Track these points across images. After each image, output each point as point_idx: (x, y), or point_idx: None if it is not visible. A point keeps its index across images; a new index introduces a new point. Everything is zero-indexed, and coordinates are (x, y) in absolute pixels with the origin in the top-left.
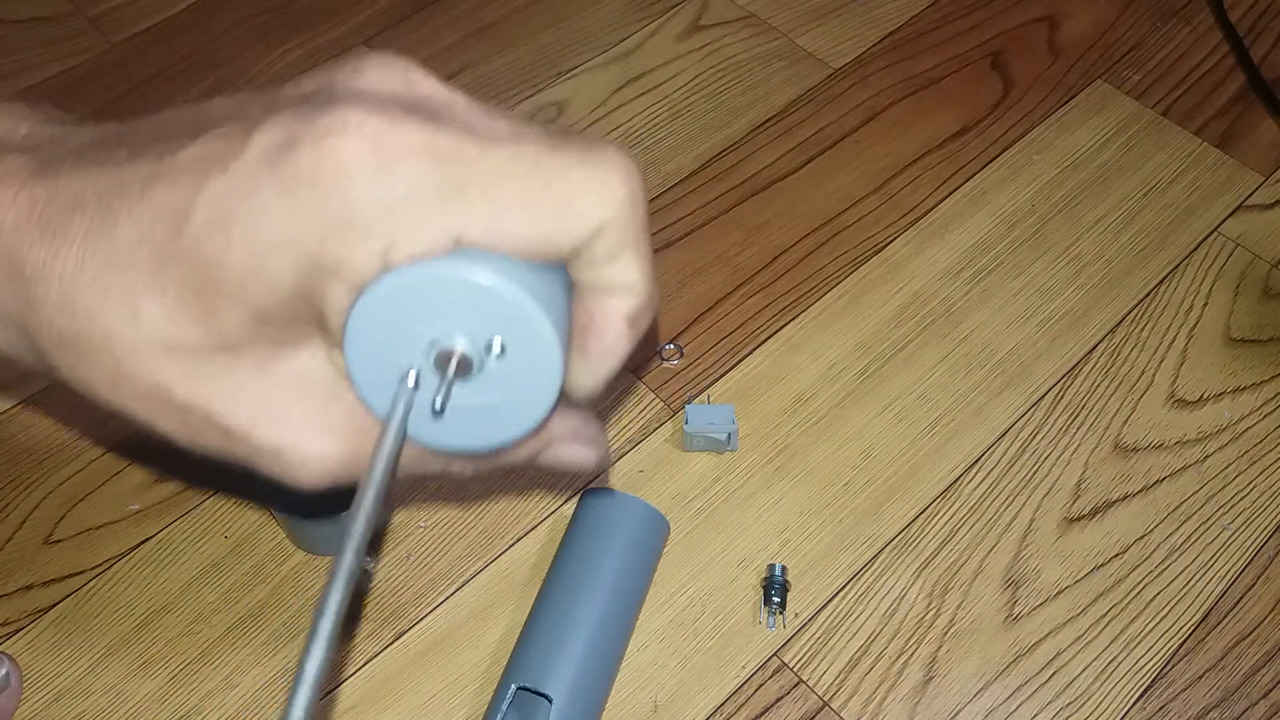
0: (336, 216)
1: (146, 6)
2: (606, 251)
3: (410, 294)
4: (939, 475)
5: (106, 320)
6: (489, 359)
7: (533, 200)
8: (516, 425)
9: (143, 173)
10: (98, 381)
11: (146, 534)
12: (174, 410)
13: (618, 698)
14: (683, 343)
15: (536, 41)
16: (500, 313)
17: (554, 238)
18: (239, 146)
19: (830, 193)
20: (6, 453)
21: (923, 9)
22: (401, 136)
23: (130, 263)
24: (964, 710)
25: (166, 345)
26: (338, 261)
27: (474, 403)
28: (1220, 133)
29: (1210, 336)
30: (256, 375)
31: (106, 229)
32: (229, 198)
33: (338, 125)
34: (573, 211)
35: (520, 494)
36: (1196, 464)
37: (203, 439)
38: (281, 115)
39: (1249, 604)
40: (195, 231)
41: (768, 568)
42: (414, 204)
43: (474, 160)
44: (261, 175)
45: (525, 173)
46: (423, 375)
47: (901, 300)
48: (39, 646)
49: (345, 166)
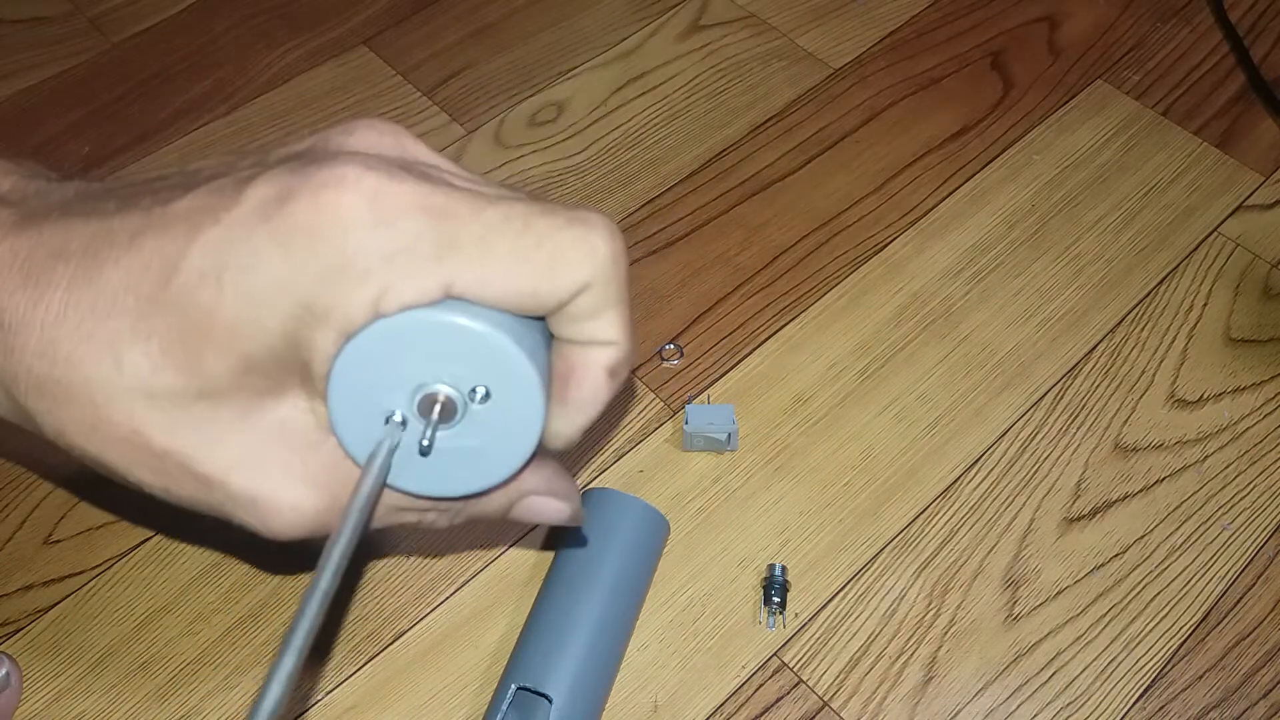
0: (331, 264)
1: (146, 6)
2: (589, 307)
3: (397, 339)
4: (939, 475)
5: (87, 366)
6: (472, 404)
7: (523, 257)
8: (497, 470)
9: (131, 224)
10: (74, 428)
11: (146, 534)
12: (150, 457)
13: (618, 698)
14: (683, 343)
15: (536, 41)
16: (486, 358)
17: (541, 292)
18: (232, 200)
19: (830, 193)
20: (6, 453)
21: (923, 9)
22: (398, 192)
23: (115, 310)
24: (964, 710)
25: (148, 392)
26: (329, 308)
27: (455, 447)
28: (1220, 133)
29: (1210, 336)
30: (237, 424)
31: (91, 278)
32: (222, 248)
33: (334, 180)
34: (560, 269)
35: None
36: (1196, 464)
37: (177, 487)
38: (276, 171)
39: (1249, 604)
40: (186, 280)
41: (768, 568)
42: (409, 255)
43: (467, 217)
44: (256, 226)
45: (516, 231)
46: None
47: (901, 300)
48: (39, 646)
49: (343, 218)
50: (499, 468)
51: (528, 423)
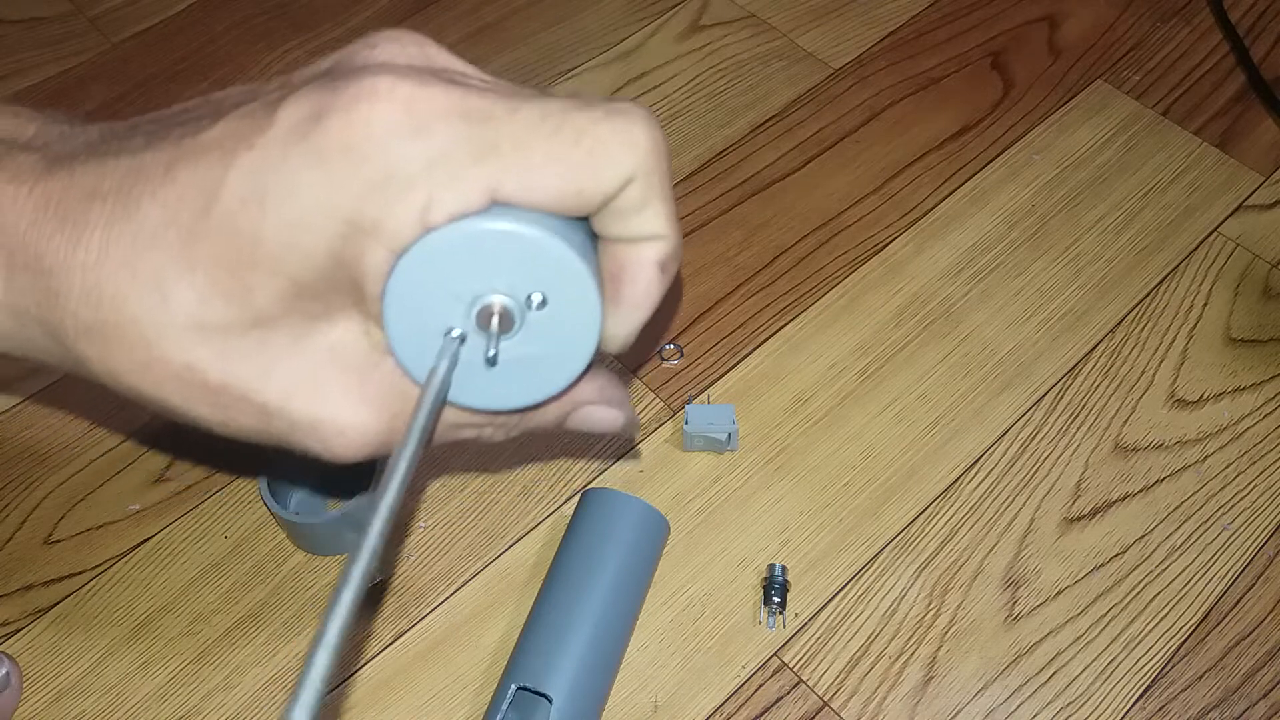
0: (374, 178)
1: (146, 6)
2: (635, 202)
3: (449, 252)
4: (939, 475)
5: (134, 305)
6: (529, 313)
7: (563, 154)
8: (558, 378)
9: (164, 157)
10: (127, 369)
11: (146, 534)
12: (207, 391)
13: (618, 698)
14: (683, 343)
15: (536, 41)
16: (540, 265)
17: (585, 190)
18: (264, 123)
19: (830, 193)
20: (6, 453)
21: (923, 9)
22: (432, 99)
23: (156, 245)
24: (964, 710)
25: (198, 325)
26: (376, 223)
27: (515, 358)
28: (1220, 133)
29: (1210, 336)
30: (291, 350)
31: (128, 215)
32: (260, 172)
33: (367, 92)
34: (602, 164)
35: (520, 494)
36: (1196, 464)
37: (238, 419)
38: (305, 90)
39: (1249, 604)
40: (226, 207)
41: (768, 568)
42: (450, 161)
43: (504, 119)
44: (291, 147)
45: (554, 129)
46: (465, 334)
47: (901, 300)
48: (39, 646)
49: (380, 129)
50: (560, 375)
51: (586, 326)
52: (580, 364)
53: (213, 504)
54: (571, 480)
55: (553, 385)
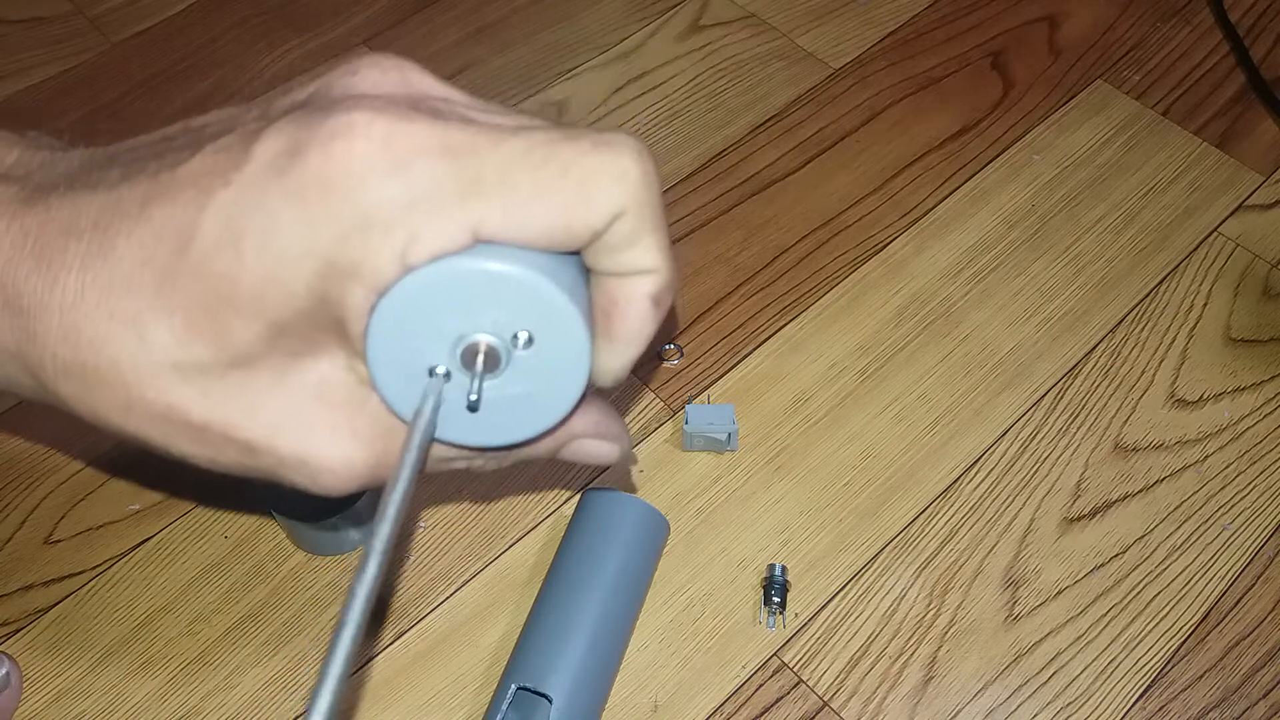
0: (352, 218)
1: (146, 6)
2: (625, 236)
3: (432, 291)
4: (939, 475)
5: (113, 347)
6: (515, 351)
7: (550, 189)
8: (547, 416)
9: (139, 193)
10: (108, 409)
11: (146, 534)
12: (190, 430)
13: (618, 698)
14: (683, 343)
15: (536, 41)
16: (524, 302)
17: (573, 225)
18: (240, 158)
19: (830, 193)
20: (6, 453)
21: (923, 9)
22: (411, 134)
23: (132, 287)
24: (964, 710)
25: (177, 367)
26: (356, 264)
27: (502, 396)
28: (1220, 133)
29: (1210, 336)
30: (275, 387)
31: (104, 254)
32: (236, 211)
33: (343, 128)
34: (590, 198)
35: (520, 494)
36: (1196, 464)
37: (223, 457)
38: (282, 123)
39: (1249, 604)
40: (203, 248)
41: (768, 568)
42: (431, 200)
43: (487, 152)
44: (269, 185)
45: (540, 162)
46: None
47: (901, 300)
48: (39, 646)
49: (358, 168)
50: (549, 413)
51: (575, 364)
52: (569, 402)
53: (213, 504)
54: (571, 480)
55: (541, 423)
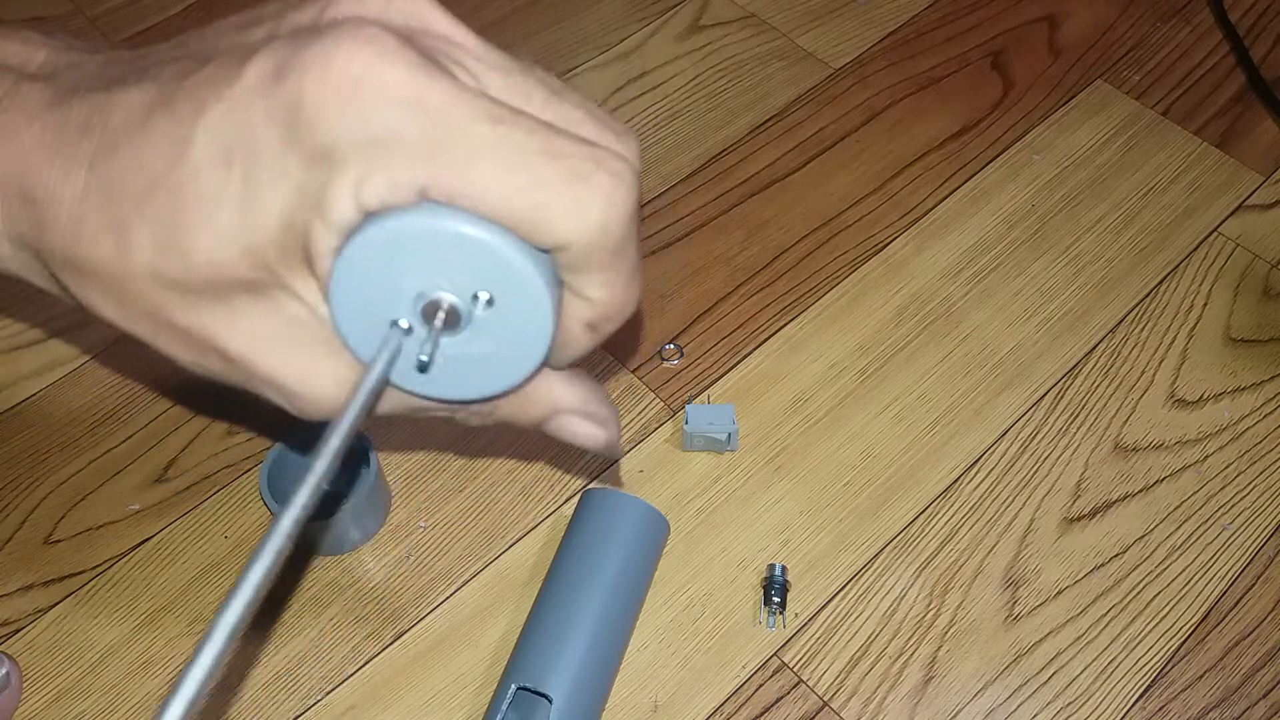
0: (316, 148)
1: (146, 6)
2: (568, 264)
3: (393, 245)
4: (939, 475)
5: (104, 248)
6: (476, 310)
7: (504, 192)
8: (507, 376)
9: (148, 98)
10: (102, 304)
11: (146, 534)
12: (175, 331)
13: (618, 698)
14: (683, 343)
15: (536, 41)
16: (485, 264)
17: (520, 229)
18: (235, 73)
19: (830, 193)
20: (6, 453)
21: (923, 9)
22: (389, 76)
23: (128, 190)
24: (964, 710)
25: (156, 275)
26: (317, 196)
27: (464, 353)
28: (1220, 133)
29: (1210, 336)
30: (253, 309)
31: (109, 154)
32: (226, 127)
33: (323, 57)
34: (540, 221)
35: (520, 494)
36: (1196, 464)
37: (206, 361)
38: (277, 42)
39: (1249, 604)
40: (194, 162)
41: (768, 568)
42: (385, 148)
43: (458, 127)
44: (254, 104)
45: (506, 165)
46: (412, 326)
47: (901, 300)
48: (39, 646)
49: (325, 99)
50: (510, 373)
51: (536, 328)
52: (531, 365)
53: (213, 504)
54: (571, 480)
55: (503, 382)
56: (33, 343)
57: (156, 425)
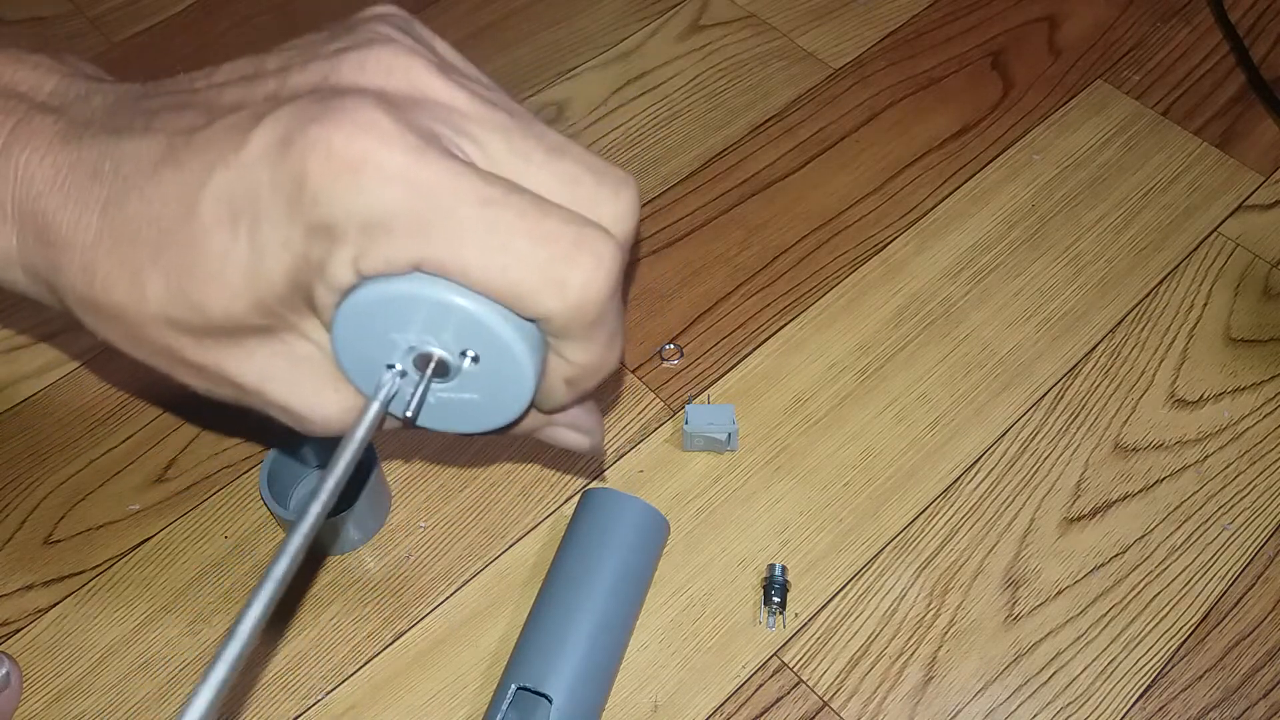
0: (317, 222)
1: (146, 6)
2: (551, 331)
3: (387, 306)
4: (939, 475)
5: (118, 293)
6: (465, 364)
7: (489, 271)
8: (494, 419)
9: (157, 151)
10: (118, 341)
11: (146, 534)
12: (189, 367)
13: (618, 698)
14: (683, 343)
15: (536, 41)
16: (472, 330)
17: (504, 302)
18: (241, 140)
19: (830, 193)
20: (6, 453)
21: (923, 9)
22: (387, 161)
23: (140, 240)
24: (964, 710)
25: (170, 321)
26: (320, 264)
27: (454, 398)
28: (1220, 133)
29: (1210, 336)
30: (264, 348)
31: (120, 202)
32: (233, 192)
33: (325, 137)
34: (522, 297)
35: (520, 494)
36: (1196, 464)
37: (220, 390)
38: (283, 111)
39: (1249, 604)
40: (202, 223)
41: (768, 568)
42: (380, 228)
43: (447, 207)
44: (261, 174)
45: (492, 247)
46: (405, 371)
47: (901, 300)
48: (39, 646)
49: (328, 179)
50: (494, 418)
51: (517, 385)
52: (513, 413)
53: (213, 504)
54: (571, 480)
55: (489, 424)
56: (33, 343)
57: (156, 425)
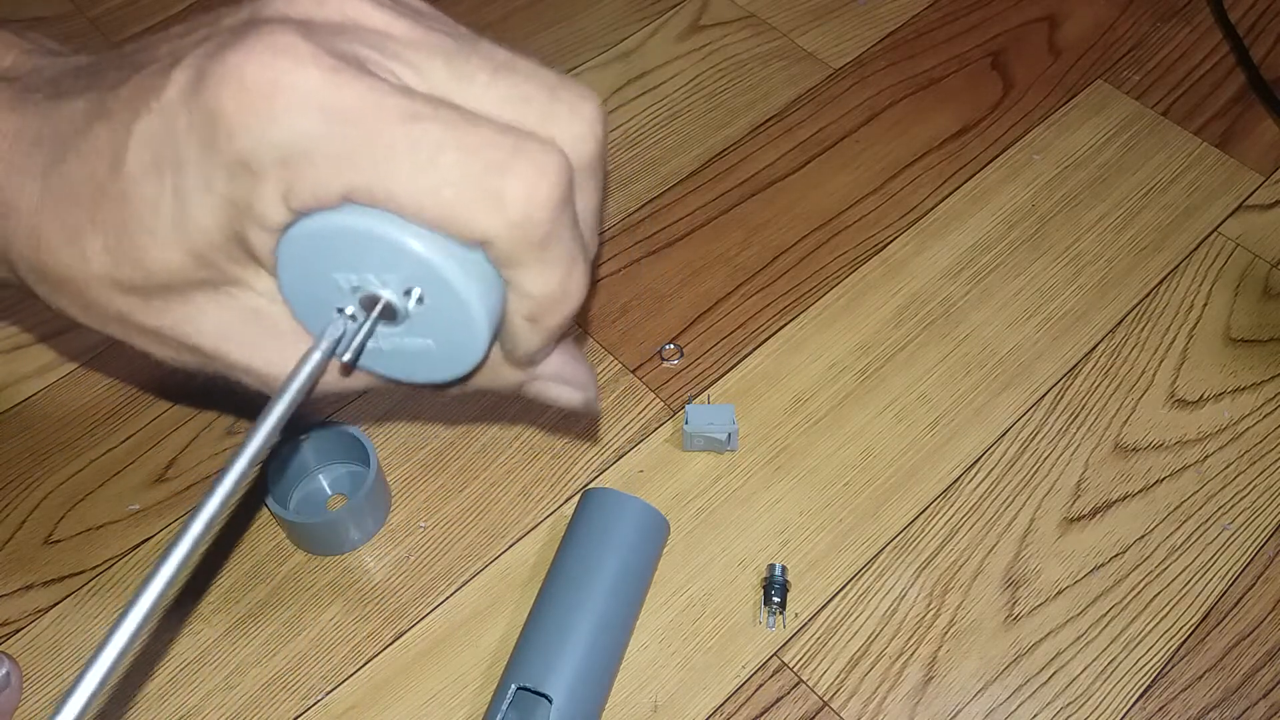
0: (235, 160)
1: (146, 7)
2: (499, 259)
3: (321, 243)
4: (939, 475)
5: (64, 256)
6: (411, 305)
7: (418, 193)
8: (452, 367)
9: (91, 108)
10: (70, 309)
11: (146, 534)
12: (144, 332)
13: (618, 698)
14: (683, 343)
15: (536, 41)
16: (408, 264)
17: (441, 227)
18: (161, 83)
19: (830, 193)
20: (6, 453)
21: (923, 9)
22: (302, 85)
23: (78, 200)
24: (964, 710)
25: (115, 282)
26: (247, 204)
27: (408, 344)
28: (1220, 133)
29: (1210, 336)
30: (212, 306)
31: (58, 164)
32: (155, 139)
33: (236, 66)
34: (456, 219)
35: (520, 494)
36: (1196, 464)
37: (180, 356)
38: (201, 49)
39: (1249, 604)
40: (130, 173)
41: (768, 568)
42: (303, 158)
43: (369, 129)
44: (178, 115)
45: (419, 164)
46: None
47: (901, 300)
48: (39, 646)
49: (241, 110)
50: (453, 366)
51: (468, 325)
52: (471, 359)
53: None
54: (571, 480)
55: (448, 372)
56: (33, 343)
57: (156, 425)
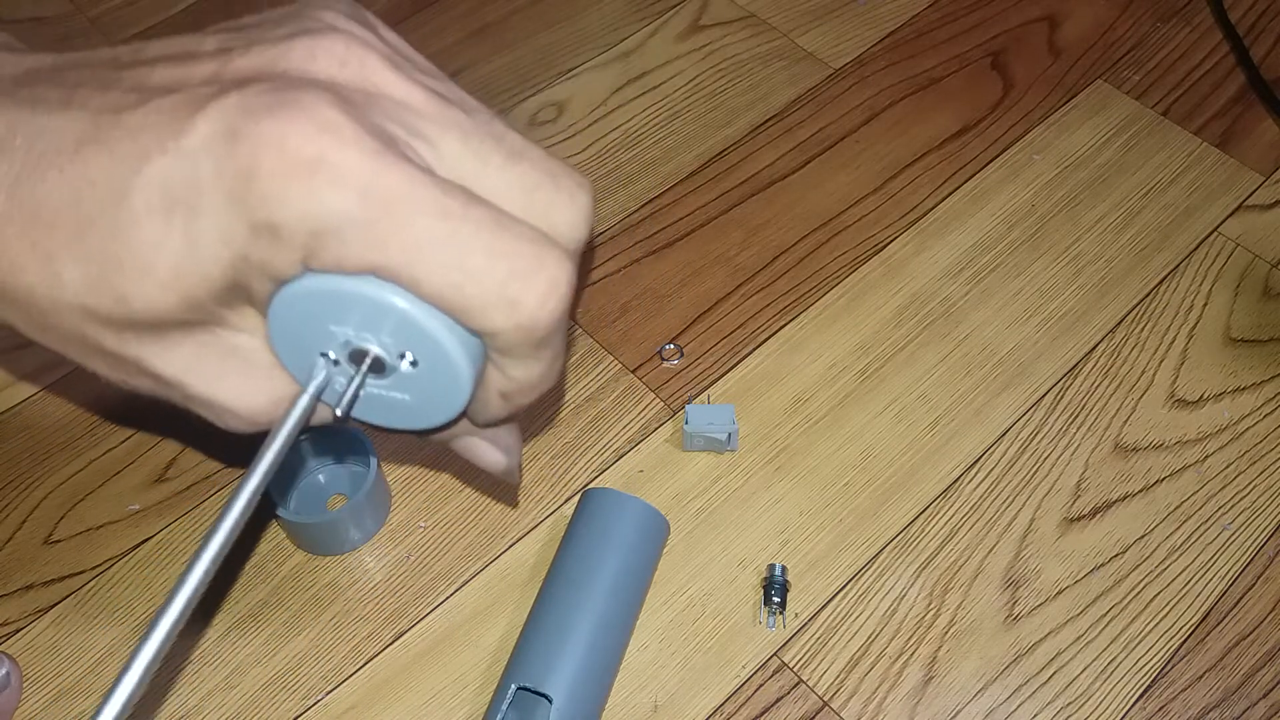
0: (264, 222)
1: (146, 7)
2: (495, 346)
3: (328, 299)
4: (939, 475)
5: (30, 276)
6: (401, 365)
7: (442, 286)
8: (425, 420)
9: (78, 128)
10: (26, 327)
11: (146, 534)
12: (103, 356)
13: (618, 698)
14: (683, 343)
15: (536, 41)
16: (414, 335)
17: (452, 314)
18: (181, 126)
19: (830, 193)
20: (6, 453)
21: (923, 9)
22: (344, 164)
23: (57, 223)
24: (964, 710)
25: (86, 310)
26: (264, 262)
27: (388, 395)
28: (1220, 133)
29: (1210, 336)
30: (188, 341)
31: (33, 181)
32: (170, 182)
33: (278, 132)
34: (472, 310)
35: (520, 494)
36: (1196, 464)
37: (135, 382)
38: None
39: (1249, 604)
40: (133, 211)
41: (768, 568)
42: (334, 234)
43: (403, 218)
44: (202, 164)
45: (446, 261)
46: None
47: (901, 300)
48: (39, 646)
49: (280, 178)
50: (425, 420)
51: (453, 393)
52: (445, 417)
53: (213, 504)
54: (571, 480)
55: (419, 424)
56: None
57: (157, 425)
